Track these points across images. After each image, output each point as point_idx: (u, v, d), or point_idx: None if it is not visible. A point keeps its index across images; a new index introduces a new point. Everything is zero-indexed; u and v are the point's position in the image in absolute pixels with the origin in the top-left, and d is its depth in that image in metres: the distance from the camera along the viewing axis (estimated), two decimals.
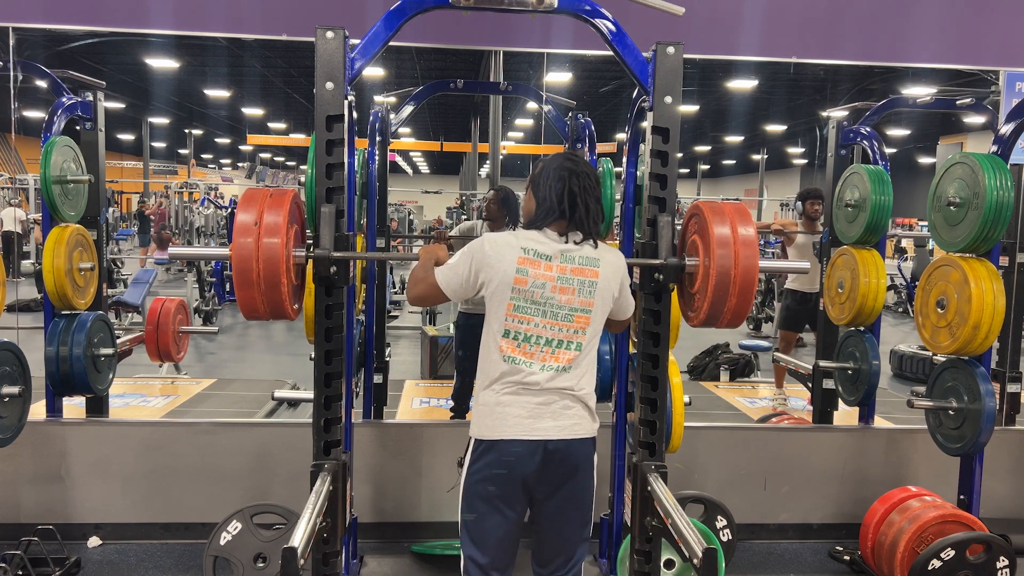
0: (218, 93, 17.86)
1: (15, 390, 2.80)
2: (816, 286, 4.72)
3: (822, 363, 4.06)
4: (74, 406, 3.72)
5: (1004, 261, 3.99)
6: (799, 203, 5.62)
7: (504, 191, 4.55)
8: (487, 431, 2.04)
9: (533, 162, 21.91)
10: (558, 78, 10.84)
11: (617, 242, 3.21)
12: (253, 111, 20.99)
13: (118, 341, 3.70)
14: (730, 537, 3.22)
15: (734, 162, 32.47)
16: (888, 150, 3.85)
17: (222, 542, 2.92)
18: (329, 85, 2.16)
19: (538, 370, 2.03)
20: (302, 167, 17.69)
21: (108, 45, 11.86)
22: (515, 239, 2.04)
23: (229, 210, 14.88)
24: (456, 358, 4.72)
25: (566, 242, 2.05)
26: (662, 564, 2.59)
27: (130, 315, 8.25)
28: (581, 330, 2.05)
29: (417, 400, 5.69)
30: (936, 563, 2.84)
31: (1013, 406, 4.11)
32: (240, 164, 31.78)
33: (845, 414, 4.18)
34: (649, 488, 2.16)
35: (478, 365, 2.11)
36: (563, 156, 2.13)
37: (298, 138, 22.85)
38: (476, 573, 2.09)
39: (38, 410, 3.39)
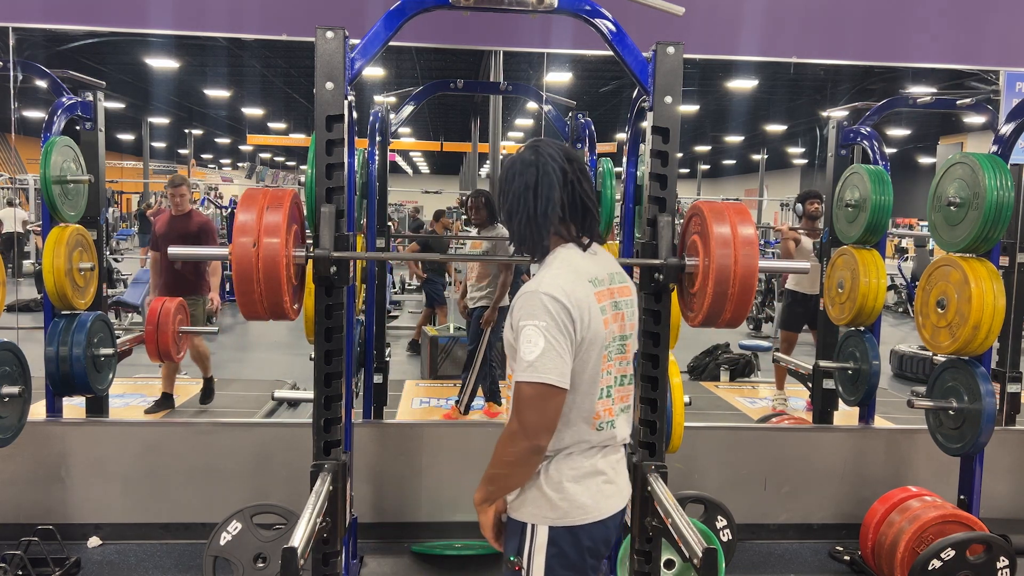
0: (218, 93, 17.85)
1: (15, 390, 2.80)
2: (816, 288, 4.73)
3: (822, 363, 4.06)
4: (74, 406, 3.72)
5: (1004, 261, 4.00)
6: (799, 205, 5.70)
7: (485, 194, 4.80)
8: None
9: None
10: (558, 78, 10.82)
11: (617, 242, 3.21)
12: (253, 111, 20.97)
13: (118, 341, 3.71)
14: (730, 537, 3.22)
15: (734, 162, 32.46)
16: (888, 150, 3.85)
17: (222, 542, 2.92)
18: (329, 85, 2.16)
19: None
20: (302, 167, 17.71)
21: (108, 45, 11.85)
22: (575, 271, 1.65)
23: (229, 210, 14.85)
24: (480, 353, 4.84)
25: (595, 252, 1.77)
26: (662, 564, 2.59)
27: (130, 315, 8.26)
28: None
29: (417, 400, 5.69)
30: (936, 563, 2.84)
31: (1013, 406, 4.12)
32: (240, 164, 31.77)
33: (845, 414, 4.18)
34: (649, 488, 2.15)
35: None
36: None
37: (298, 138, 22.83)
38: None
39: (38, 410, 3.40)
